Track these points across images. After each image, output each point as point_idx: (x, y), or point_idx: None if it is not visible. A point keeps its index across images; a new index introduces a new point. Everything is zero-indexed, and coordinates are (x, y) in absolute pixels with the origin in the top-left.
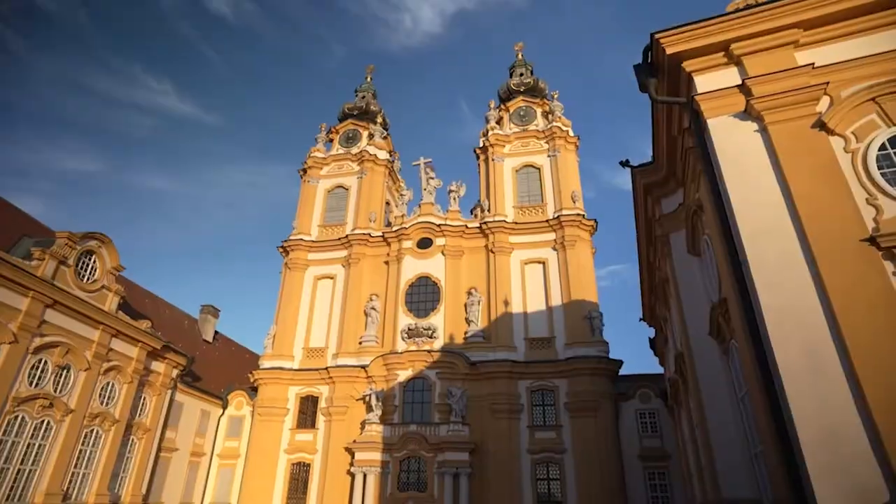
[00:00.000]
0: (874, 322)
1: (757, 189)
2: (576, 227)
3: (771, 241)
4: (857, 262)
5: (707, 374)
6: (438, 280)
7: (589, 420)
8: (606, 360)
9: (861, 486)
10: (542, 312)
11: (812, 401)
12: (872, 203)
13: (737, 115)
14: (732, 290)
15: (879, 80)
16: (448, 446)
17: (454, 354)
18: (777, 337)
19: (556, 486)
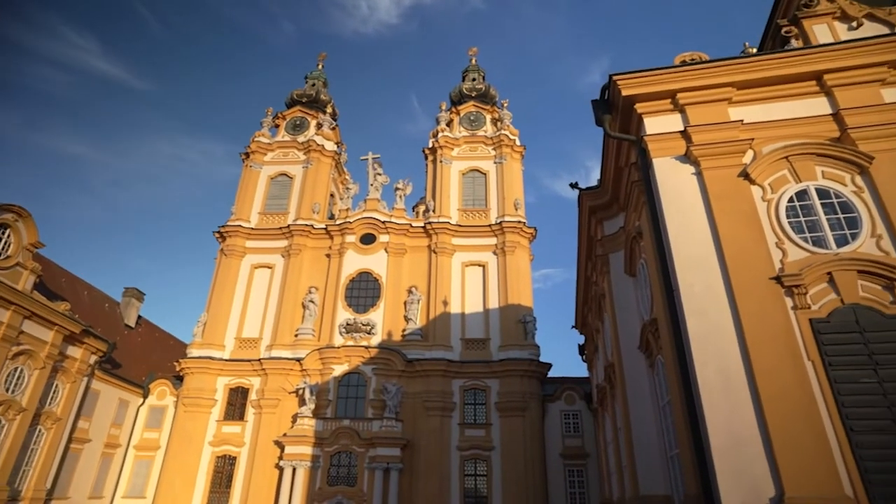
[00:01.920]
0: (775, 349)
1: (691, 225)
2: (516, 234)
3: (699, 272)
4: (766, 296)
5: (634, 383)
6: (380, 277)
7: (517, 419)
8: (537, 362)
9: (755, 483)
10: (479, 314)
11: (723, 412)
12: (780, 247)
13: (678, 158)
14: (663, 312)
15: (792, 142)
16: (380, 442)
17: (391, 351)
18: (699, 356)
19: (483, 483)
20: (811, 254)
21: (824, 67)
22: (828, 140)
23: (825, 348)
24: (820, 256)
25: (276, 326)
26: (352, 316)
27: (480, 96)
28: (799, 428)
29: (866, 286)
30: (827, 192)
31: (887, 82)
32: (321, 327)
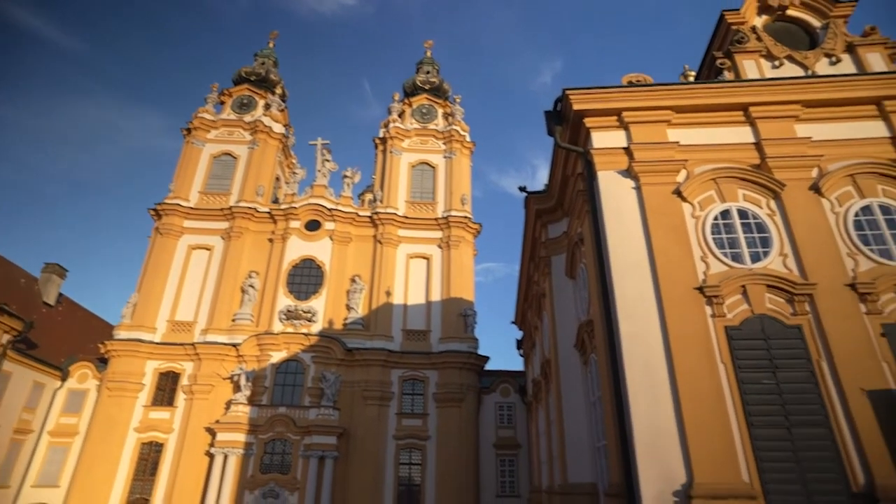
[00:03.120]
0: (694, 352)
1: (628, 236)
2: (462, 229)
3: (633, 280)
4: (689, 305)
5: (568, 379)
6: (323, 264)
7: (454, 410)
8: (475, 355)
9: (670, 471)
10: (421, 306)
11: (646, 407)
12: (704, 260)
13: (620, 172)
14: (599, 314)
15: (720, 165)
16: (316, 430)
17: (332, 340)
18: (628, 356)
19: (417, 471)
20: (730, 268)
21: (750, 100)
22: (749, 166)
23: (736, 352)
24: (737, 271)
25: (212, 310)
26: (293, 303)
27: (434, 90)
28: (709, 422)
29: (772, 299)
30: (746, 213)
31: (801, 118)
32: (260, 313)
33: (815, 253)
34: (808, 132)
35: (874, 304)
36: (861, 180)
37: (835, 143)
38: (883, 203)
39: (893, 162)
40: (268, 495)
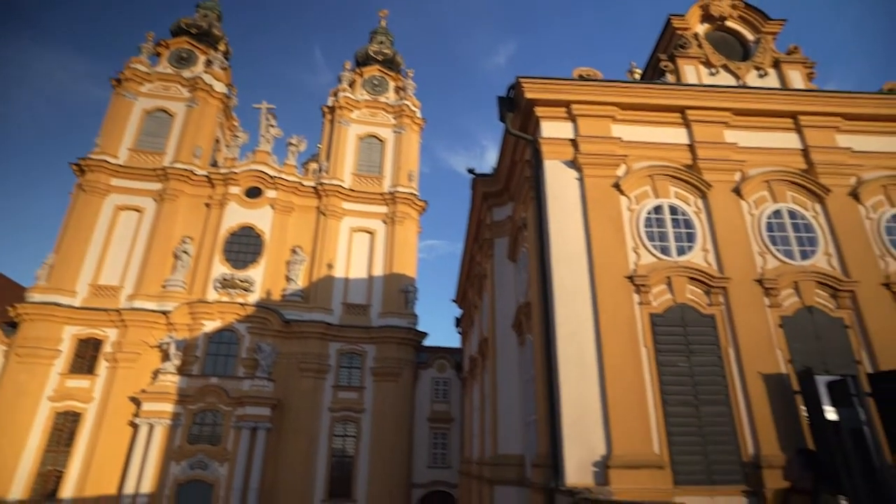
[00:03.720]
0: (621, 336)
1: (569, 224)
2: (408, 206)
3: (571, 266)
4: (619, 292)
5: (504, 357)
6: (263, 233)
7: (391, 384)
8: (414, 331)
9: (593, 444)
10: (362, 280)
11: (575, 386)
12: (636, 251)
13: (566, 163)
14: (537, 297)
15: (656, 163)
16: (250, 401)
17: (269, 311)
18: (562, 338)
19: (352, 443)
20: (658, 260)
21: (687, 104)
22: (682, 166)
23: (657, 338)
24: (664, 263)
25: (141, 275)
26: (229, 271)
27: (387, 61)
28: (629, 400)
29: (692, 290)
30: (676, 209)
31: (730, 125)
32: (194, 280)
33: (731, 250)
34: (735, 138)
35: (776, 298)
36: (775, 186)
37: (756, 151)
38: (791, 208)
39: (803, 172)
40: (196, 466)
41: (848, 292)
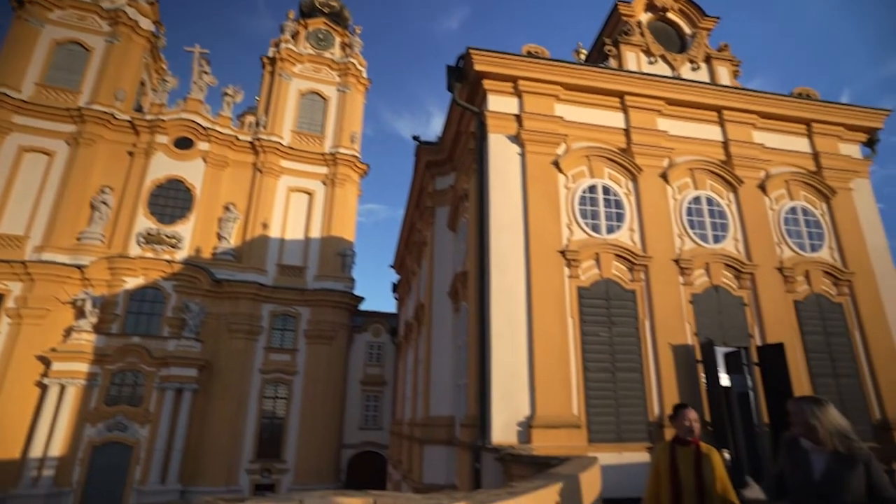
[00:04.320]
0: (550, 307)
1: (508, 198)
2: (349, 168)
3: (508, 237)
4: (551, 265)
5: (439, 323)
6: (194, 187)
7: (324, 347)
8: (350, 295)
9: (518, 406)
10: (299, 242)
11: (505, 352)
12: (570, 227)
13: (510, 137)
14: (474, 266)
15: (594, 144)
16: (175, 361)
17: (199, 269)
18: (495, 307)
19: (283, 405)
20: (589, 237)
21: (626, 90)
22: (617, 149)
23: (583, 309)
24: (594, 240)
25: (51, 225)
26: (155, 226)
27: (333, 15)
28: (554, 366)
29: (617, 266)
30: (609, 190)
31: (662, 113)
32: (114, 234)
33: (655, 231)
34: (666, 126)
35: (689, 277)
36: (697, 174)
37: (684, 140)
38: (709, 195)
39: (722, 163)
40: (114, 428)
41: (749, 274)
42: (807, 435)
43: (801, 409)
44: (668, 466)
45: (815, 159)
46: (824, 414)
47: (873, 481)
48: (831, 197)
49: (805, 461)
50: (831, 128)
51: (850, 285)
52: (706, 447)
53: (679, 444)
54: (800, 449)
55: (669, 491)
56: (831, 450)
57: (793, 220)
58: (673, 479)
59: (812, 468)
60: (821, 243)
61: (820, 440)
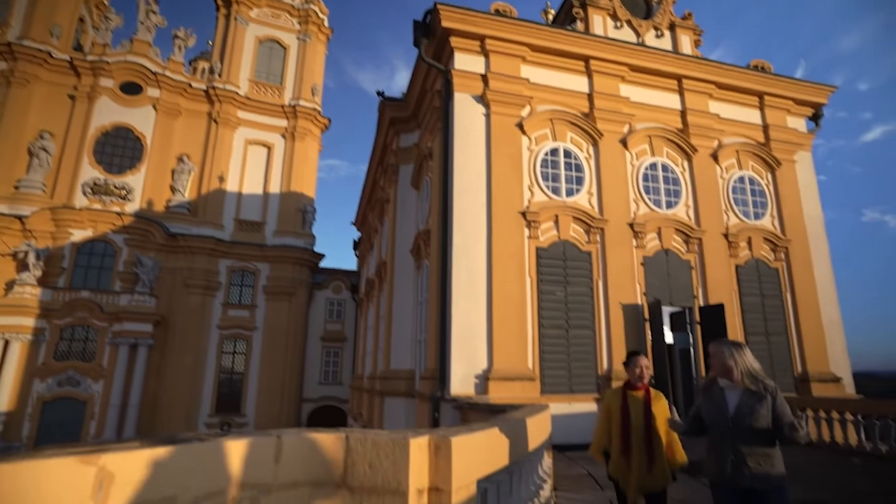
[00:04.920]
0: (510, 266)
1: (473, 158)
2: (310, 122)
3: (471, 198)
4: (512, 225)
5: (401, 280)
6: (144, 136)
7: (284, 304)
8: (311, 252)
9: (476, 360)
10: (257, 196)
11: (465, 309)
12: (531, 189)
13: (475, 97)
14: (437, 225)
15: (558, 108)
16: (128, 317)
17: (151, 222)
18: (457, 265)
19: (241, 360)
20: (549, 199)
21: (592, 54)
22: (580, 113)
23: (541, 269)
24: (554, 202)
25: None
26: (102, 176)
27: None
28: (511, 323)
29: (575, 228)
30: (570, 153)
31: (625, 79)
32: (56, 183)
33: (612, 195)
34: (628, 93)
35: (642, 240)
36: (655, 141)
37: (644, 107)
38: (665, 162)
39: (679, 131)
40: (65, 383)
41: (697, 239)
42: (724, 374)
43: (721, 350)
44: (619, 408)
45: (764, 131)
46: (740, 356)
47: (777, 411)
48: (776, 168)
49: (721, 398)
50: (781, 101)
51: (786, 252)
52: (655, 392)
53: (630, 388)
54: (717, 388)
55: (620, 431)
56: (744, 387)
57: (740, 189)
58: (624, 420)
59: (727, 404)
60: (764, 212)
61: (734, 379)
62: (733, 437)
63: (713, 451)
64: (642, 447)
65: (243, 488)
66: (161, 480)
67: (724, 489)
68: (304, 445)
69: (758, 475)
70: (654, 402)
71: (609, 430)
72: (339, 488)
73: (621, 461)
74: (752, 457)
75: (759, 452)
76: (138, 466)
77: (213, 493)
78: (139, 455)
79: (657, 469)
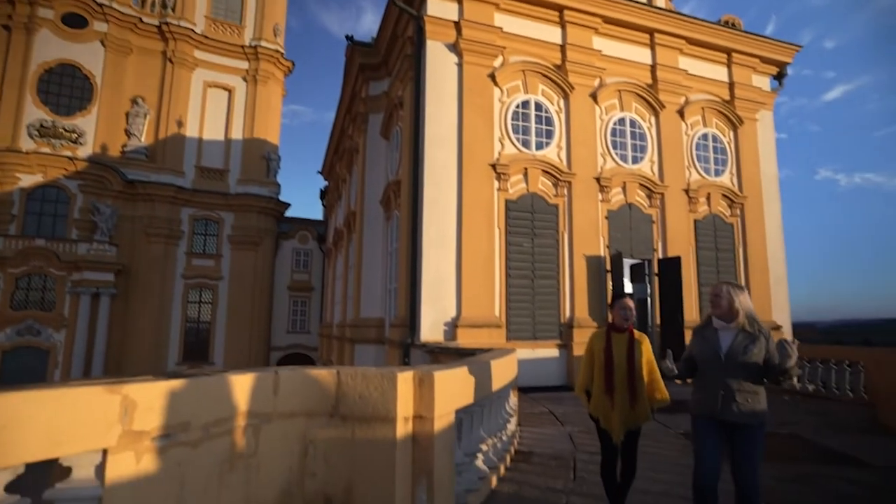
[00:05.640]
0: (479, 217)
1: (444, 108)
2: (272, 64)
3: (442, 149)
4: (482, 177)
5: (371, 230)
6: (93, 75)
7: (250, 253)
8: (276, 201)
9: (445, 308)
10: (219, 142)
11: (435, 258)
12: (501, 142)
13: (448, 45)
14: (408, 176)
15: (530, 59)
16: (88, 266)
17: (107, 168)
18: (427, 216)
19: (208, 310)
20: (519, 151)
21: (565, 3)
22: (552, 65)
23: (510, 221)
24: (524, 155)
25: None
26: (49, 118)
27: None
28: (480, 273)
29: (543, 181)
30: (541, 106)
31: (598, 31)
32: None
33: (581, 149)
34: (601, 46)
35: (607, 195)
36: (624, 96)
37: (616, 61)
38: (633, 118)
39: (648, 86)
40: (25, 333)
41: (659, 194)
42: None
43: (728, 291)
44: (602, 349)
45: (730, 89)
46: (744, 297)
47: (769, 352)
48: (739, 126)
49: (715, 338)
50: (748, 59)
51: (741, 208)
52: (638, 334)
53: (614, 330)
54: (711, 329)
55: (603, 371)
56: (740, 328)
57: (703, 146)
58: (607, 360)
59: (720, 343)
60: (724, 169)
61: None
62: (724, 374)
63: (703, 388)
64: (625, 386)
65: (247, 417)
66: (176, 408)
67: (707, 422)
68: (300, 380)
69: (745, 411)
70: (637, 344)
71: (592, 370)
72: (332, 417)
73: (604, 400)
74: (740, 393)
75: (748, 389)
76: (157, 395)
77: (222, 419)
78: (157, 386)
79: (639, 407)
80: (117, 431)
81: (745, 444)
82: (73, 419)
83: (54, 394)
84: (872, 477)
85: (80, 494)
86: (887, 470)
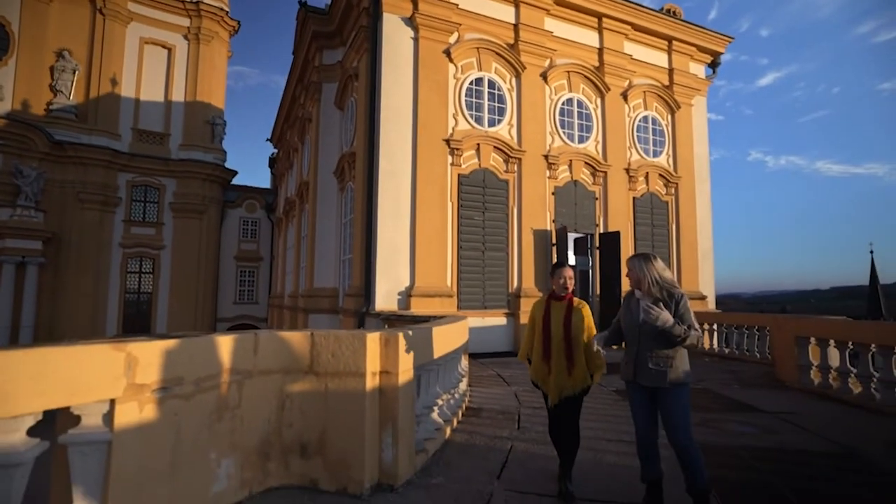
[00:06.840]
0: (433, 191)
1: (399, 82)
2: (216, 23)
3: (397, 123)
4: (436, 151)
5: (324, 201)
6: (8, 22)
7: (194, 222)
8: (222, 168)
9: (399, 278)
10: (158, 105)
11: (390, 230)
12: (455, 118)
13: (404, 20)
14: (363, 148)
15: (484, 37)
16: (12, 233)
17: (30, 127)
18: (383, 188)
19: (149, 280)
20: (472, 128)
21: None
22: (506, 44)
23: (462, 195)
24: (476, 131)
25: None
26: None
27: None
28: (433, 245)
29: (495, 157)
30: (494, 84)
31: (550, 13)
32: None
33: (530, 127)
34: (552, 27)
35: (554, 171)
36: (573, 78)
37: (565, 42)
38: (580, 99)
39: (595, 69)
40: None
41: (602, 173)
42: (636, 286)
43: (634, 264)
44: (541, 317)
45: (669, 75)
46: (649, 268)
47: (679, 313)
48: (676, 110)
49: (635, 307)
50: (687, 47)
51: (676, 187)
52: (578, 301)
53: (554, 299)
54: (633, 299)
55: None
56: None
57: (644, 128)
58: (545, 328)
59: (638, 312)
60: (661, 150)
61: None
62: (639, 340)
63: (626, 354)
64: (562, 352)
65: (231, 373)
66: (172, 364)
67: (633, 385)
68: (276, 341)
69: (654, 373)
70: (576, 311)
71: (533, 337)
72: (307, 374)
73: (542, 366)
74: (653, 358)
75: (661, 354)
76: (155, 353)
77: (210, 375)
78: (155, 345)
79: (576, 372)
80: (123, 384)
81: (666, 404)
82: (87, 372)
83: (71, 350)
84: (763, 419)
85: (92, 438)
86: (776, 414)
